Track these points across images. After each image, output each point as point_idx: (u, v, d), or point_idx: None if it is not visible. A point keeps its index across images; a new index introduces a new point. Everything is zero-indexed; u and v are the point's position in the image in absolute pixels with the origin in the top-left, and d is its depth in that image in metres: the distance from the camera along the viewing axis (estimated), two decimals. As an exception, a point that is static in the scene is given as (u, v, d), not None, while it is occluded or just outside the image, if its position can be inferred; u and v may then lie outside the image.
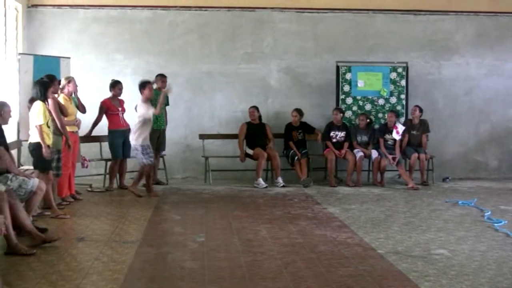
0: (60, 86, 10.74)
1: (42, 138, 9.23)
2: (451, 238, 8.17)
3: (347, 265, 6.80)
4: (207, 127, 14.19)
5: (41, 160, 9.45)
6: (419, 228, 8.82)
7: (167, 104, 13.10)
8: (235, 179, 13.72)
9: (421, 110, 13.63)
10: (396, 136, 13.30)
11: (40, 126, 9.26)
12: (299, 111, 13.67)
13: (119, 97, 12.38)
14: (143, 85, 11.68)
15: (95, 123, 12.21)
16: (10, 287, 5.78)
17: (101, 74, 13.53)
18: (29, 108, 9.76)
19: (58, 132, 9.89)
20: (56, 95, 10.28)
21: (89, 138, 12.42)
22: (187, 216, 9.72)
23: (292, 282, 6.16)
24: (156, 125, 12.68)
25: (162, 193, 12.03)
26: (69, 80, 10.99)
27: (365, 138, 13.59)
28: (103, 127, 12.25)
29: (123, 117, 12.30)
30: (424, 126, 13.73)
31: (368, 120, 13.65)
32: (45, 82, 9.69)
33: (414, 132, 13.62)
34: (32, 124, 9.47)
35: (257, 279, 6.28)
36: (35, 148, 9.46)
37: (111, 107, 12.18)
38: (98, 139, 12.55)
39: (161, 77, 12.83)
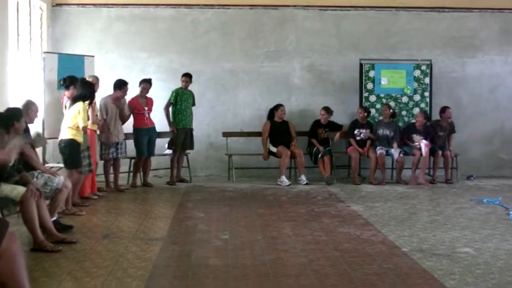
0: None
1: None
2: (476, 237, 8.11)
3: (371, 263, 6.78)
4: (230, 125, 14.21)
5: (71, 157, 9.55)
6: (444, 226, 8.77)
7: (193, 104, 13.14)
8: (258, 177, 13.75)
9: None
10: (423, 147, 13.12)
11: (83, 127, 9.53)
12: (327, 110, 13.65)
13: (147, 96, 12.43)
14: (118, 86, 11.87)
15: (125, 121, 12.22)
16: (36, 284, 5.81)
17: (124, 72, 13.58)
18: (67, 105, 9.85)
19: (84, 130, 9.97)
20: None
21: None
22: (211, 214, 9.74)
23: (316, 279, 6.15)
24: (181, 124, 12.76)
25: (185, 190, 12.07)
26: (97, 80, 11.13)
27: (387, 132, 13.47)
28: (127, 124, 12.28)
29: (148, 116, 12.35)
30: (451, 127, 13.64)
31: (391, 111, 13.53)
32: (92, 84, 9.84)
33: (441, 134, 13.54)
34: (67, 122, 9.59)
35: (281, 276, 6.27)
36: (66, 145, 9.57)
37: (137, 106, 12.24)
38: (128, 136, 12.53)
39: (183, 76, 12.92)
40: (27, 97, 10.46)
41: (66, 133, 9.62)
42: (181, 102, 12.88)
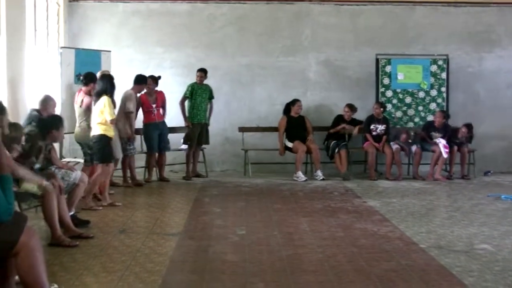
0: None
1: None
2: (494, 233, 8.06)
3: (388, 259, 6.75)
4: (246, 120, 14.20)
5: (102, 152, 9.62)
6: (461, 223, 8.72)
7: (210, 97, 13.15)
8: (274, 172, 13.72)
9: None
10: (443, 152, 13.07)
11: (110, 120, 9.63)
12: (351, 107, 13.61)
13: (157, 90, 12.44)
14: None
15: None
16: (54, 278, 5.83)
17: (141, 67, 13.59)
18: (95, 101, 9.90)
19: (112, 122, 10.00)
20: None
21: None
22: (227, 209, 9.74)
23: (333, 275, 6.13)
24: (196, 119, 12.78)
25: (201, 185, 12.08)
26: None
27: (438, 135, 13.34)
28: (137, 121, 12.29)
29: (157, 112, 12.34)
30: (470, 137, 13.53)
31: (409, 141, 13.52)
32: (111, 77, 9.90)
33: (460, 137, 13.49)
34: (95, 118, 9.66)
35: (298, 272, 6.26)
36: (97, 141, 9.64)
37: (145, 103, 12.27)
38: (138, 132, 12.56)
39: (198, 71, 12.95)
40: (44, 92, 10.50)
41: (96, 129, 9.72)
42: (196, 96, 12.89)
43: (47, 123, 7.84)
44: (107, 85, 9.78)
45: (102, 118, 9.62)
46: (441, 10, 14.55)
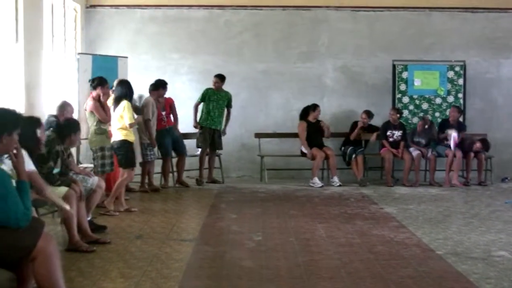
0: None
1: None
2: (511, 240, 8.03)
3: (405, 266, 6.72)
4: (262, 126, 14.20)
5: (125, 157, 9.67)
6: (479, 229, 8.67)
7: (228, 105, 13.15)
8: (290, 178, 13.73)
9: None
10: (452, 146, 13.06)
11: (129, 124, 9.68)
12: (368, 114, 13.58)
13: (165, 96, 12.43)
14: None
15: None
16: (72, 284, 5.85)
17: (157, 73, 13.63)
18: (114, 107, 9.93)
19: (100, 131, 10.04)
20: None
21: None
22: (244, 215, 9.74)
23: (350, 282, 6.12)
24: (205, 123, 12.78)
25: (217, 191, 12.08)
26: None
27: (422, 141, 13.38)
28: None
29: (167, 118, 12.35)
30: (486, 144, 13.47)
31: (426, 126, 13.44)
32: (129, 83, 9.95)
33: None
34: (115, 123, 9.71)
35: (315, 278, 6.25)
36: (119, 146, 9.69)
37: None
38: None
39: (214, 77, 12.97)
40: (61, 98, 10.55)
41: (117, 135, 9.78)
42: (209, 101, 12.88)
43: (64, 127, 7.88)
44: (126, 90, 9.83)
45: (122, 123, 9.67)
46: (458, 16, 14.48)
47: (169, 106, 12.50)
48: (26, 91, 10.22)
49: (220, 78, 12.95)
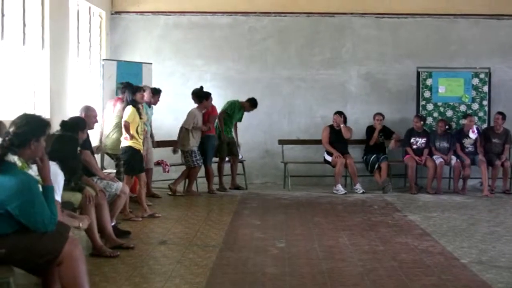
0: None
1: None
2: (537, 249, 7.98)
3: (429, 274, 6.69)
4: (286, 132, 14.20)
5: (127, 164, 9.68)
6: (504, 238, 8.61)
7: (239, 120, 13.30)
8: (314, 185, 13.71)
9: (504, 118, 13.29)
10: (472, 135, 13.07)
11: (124, 122, 9.69)
12: (381, 115, 13.54)
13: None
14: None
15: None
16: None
17: (181, 79, 13.72)
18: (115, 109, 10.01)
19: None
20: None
21: (166, 142, 12.55)
22: (267, 222, 9.74)
23: (374, 290, 6.12)
24: (226, 132, 12.80)
25: (241, 198, 12.09)
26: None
27: (444, 145, 13.34)
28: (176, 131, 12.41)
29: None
30: (506, 136, 13.36)
31: (447, 127, 13.42)
32: (132, 86, 9.95)
33: (496, 140, 13.32)
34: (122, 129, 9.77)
35: (338, 285, 6.24)
36: (124, 152, 9.73)
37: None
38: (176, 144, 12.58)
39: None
40: (86, 103, 10.61)
41: (124, 141, 9.76)
42: (232, 113, 13.00)
43: (73, 125, 7.78)
44: (131, 95, 9.85)
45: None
46: (483, 23, 14.39)
47: (208, 116, 12.52)
48: (51, 97, 10.30)
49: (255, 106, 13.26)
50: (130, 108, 9.68)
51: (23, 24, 9.58)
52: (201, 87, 12.47)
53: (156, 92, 11.55)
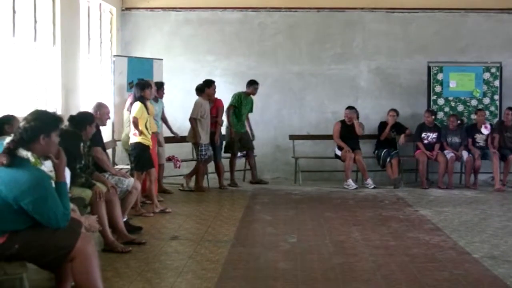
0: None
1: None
2: (549, 243, 7.95)
3: (441, 269, 6.69)
4: (297, 128, 14.20)
5: (137, 160, 9.70)
6: (516, 232, 8.62)
7: (250, 111, 13.23)
8: (324, 180, 13.70)
9: None
10: (485, 131, 13.06)
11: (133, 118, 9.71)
12: (395, 111, 13.51)
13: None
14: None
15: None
16: (108, 284, 5.90)
17: (192, 75, 13.71)
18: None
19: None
20: None
21: (178, 138, 12.57)
22: (278, 217, 9.74)
23: (385, 285, 6.11)
24: (236, 127, 12.78)
25: (252, 193, 12.11)
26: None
27: (455, 140, 13.31)
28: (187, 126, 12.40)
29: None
30: None
31: (459, 122, 13.40)
32: (141, 84, 9.97)
33: (508, 134, 13.28)
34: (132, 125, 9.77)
35: (350, 281, 6.25)
36: (133, 149, 9.75)
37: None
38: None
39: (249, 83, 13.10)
40: (97, 99, 10.64)
41: (133, 137, 9.78)
42: (240, 106, 12.92)
43: (81, 120, 7.78)
44: (137, 91, 9.88)
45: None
46: (494, 17, 14.33)
47: (216, 109, 12.52)
48: (63, 93, 10.35)
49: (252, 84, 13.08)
50: (138, 104, 9.71)
51: (35, 20, 9.62)
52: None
53: (159, 86, 11.56)
